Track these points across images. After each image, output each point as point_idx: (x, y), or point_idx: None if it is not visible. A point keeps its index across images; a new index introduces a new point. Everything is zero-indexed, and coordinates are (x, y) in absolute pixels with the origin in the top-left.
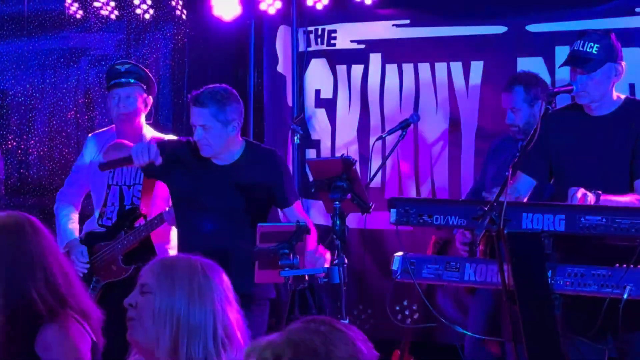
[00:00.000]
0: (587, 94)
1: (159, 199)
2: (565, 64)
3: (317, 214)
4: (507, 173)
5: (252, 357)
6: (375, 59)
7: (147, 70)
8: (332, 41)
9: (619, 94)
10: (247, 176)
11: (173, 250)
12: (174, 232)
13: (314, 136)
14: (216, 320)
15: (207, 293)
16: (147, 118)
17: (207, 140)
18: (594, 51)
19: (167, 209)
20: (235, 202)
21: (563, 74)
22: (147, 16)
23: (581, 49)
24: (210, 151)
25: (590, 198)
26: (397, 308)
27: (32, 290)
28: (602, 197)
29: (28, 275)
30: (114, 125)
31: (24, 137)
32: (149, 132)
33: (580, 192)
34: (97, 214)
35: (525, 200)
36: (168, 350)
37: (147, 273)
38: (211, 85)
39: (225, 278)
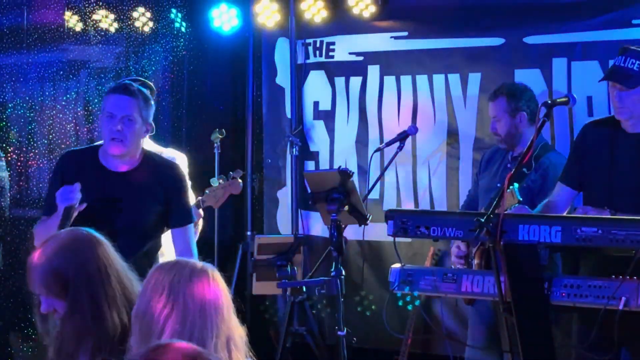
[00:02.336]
0: (627, 110)
1: None
2: (605, 78)
3: (315, 226)
4: (498, 184)
5: None
6: (373, 71)
7: (151, 84)
8: (331, 53)
9: None
10: (143, 187)
11: (163, 258)
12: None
13: (313, 148)
14: (168, 319)
15: (170, 298)
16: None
17: (124, 134)
18: (634, 67)
19: None
20: (129, 217)
21: (560, 85)
22: (146, 29)
23: (622, 64)
24: (123, 148)
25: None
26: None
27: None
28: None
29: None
30: None
31: (24, 149)
32: (149, 145)
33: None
34: None
35: (565, 210)
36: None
37: None
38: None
39: (206, 285)
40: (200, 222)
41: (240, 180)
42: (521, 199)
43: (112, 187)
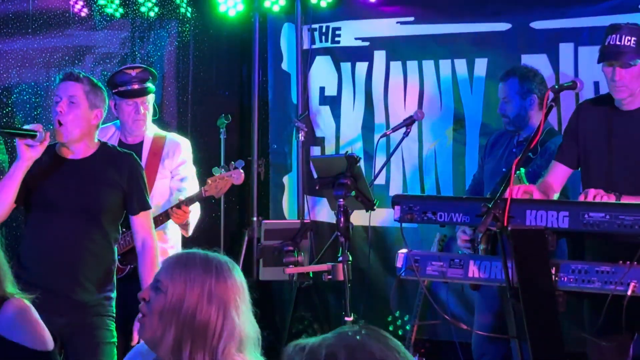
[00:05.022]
0: (626, 88)
1: (157, 198)
2: (603, 59)
3: (321, 211)
4: (503, 169)
5: (297, 356)
6: (379, 56)
7: (152, 70)
8: (337, 38)
9: None
10: (100, 173)
11: (172, 250)
12: (171, 231)
13: (319, 133)
14: (224, 324)
15: (217, 296)
16: (153, 114)
17: (66, 116)
18: (631, 44)
19: (169, 210)
20: (85, 200)
21: (567, 70)
22: (151, 14)
23: (618, 42)
24: (65, 133)
25: (604, 198)
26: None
27: None
28: (624, 199)
29: None
30: (117, 121)
31: None
32: (153, 129)
33: (591, 193)
34: None
35: (559, 189)
36: (171, 349)
37: (163, 269)
38: None
39: (240, 278)
40: (197, 215)
41: (242, 171)
42: (528, 184)
43: (66, 173)
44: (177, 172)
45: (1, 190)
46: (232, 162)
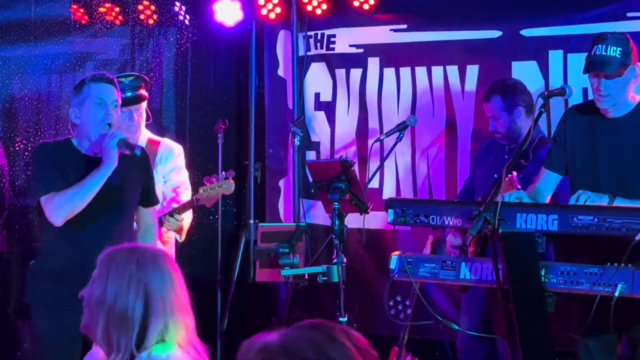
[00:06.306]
0: (612, 98)
1: None
2: (589, 69)
3: (316, 214)
4: (495, 175)
5: (248, 356)
6: (373, 63)
7: (145, 77)
8: (331, 45)
9: (634, 95)
10: (124, 168)
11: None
12: (167, 236)
13: (314, 138)
14: (148, 312)
15: (138, 282)
16: (146, 119)
17: (115, 120)
18: (617, 55)
19: (162, 217)
20: (120, 196)
21: (556, 77)
22: (150, 21)
23: (604, 53)
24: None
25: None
26: (392, 304)
27: None
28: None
29: None
30: None
31: (31, 139)
32: (146, 134)
33: (584, 196)
34: None
35: (549, 195)
36: (102, 339)
37: (96, 264)
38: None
39: (167, 267)
40: (189, 219)
41: (232, 181)
42: (520, 187)
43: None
44: (169, 177)
45: (87, 196)
46: (223, 172)
